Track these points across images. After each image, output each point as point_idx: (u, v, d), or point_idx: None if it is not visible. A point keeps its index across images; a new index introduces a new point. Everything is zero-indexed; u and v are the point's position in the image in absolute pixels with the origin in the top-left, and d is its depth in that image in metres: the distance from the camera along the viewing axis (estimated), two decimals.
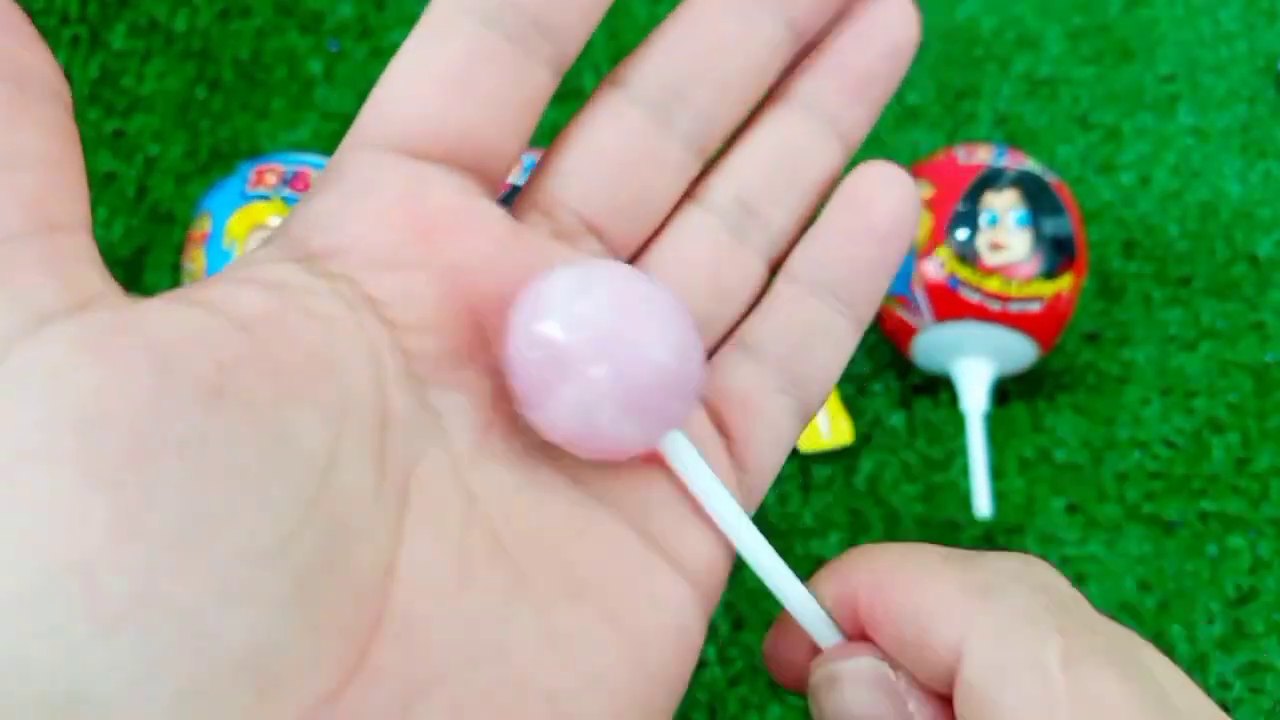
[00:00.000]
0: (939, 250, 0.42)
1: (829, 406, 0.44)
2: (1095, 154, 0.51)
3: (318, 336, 0.16)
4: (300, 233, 0.18)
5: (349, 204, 0.18)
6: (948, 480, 0.44)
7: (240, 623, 0.14)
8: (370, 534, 0.15)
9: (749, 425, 0.20)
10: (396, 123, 0.18)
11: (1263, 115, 0.52)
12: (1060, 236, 0.42)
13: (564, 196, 0.20)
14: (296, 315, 0.16)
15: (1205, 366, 0.47)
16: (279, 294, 0.16)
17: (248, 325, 0.15)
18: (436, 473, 0.17)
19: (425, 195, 0.18)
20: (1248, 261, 0.49)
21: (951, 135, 0.51)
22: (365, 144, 0.18)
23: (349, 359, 0.16)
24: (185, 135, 0.49)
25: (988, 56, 0.53)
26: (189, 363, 0.14)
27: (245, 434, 0.14)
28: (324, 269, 0.17)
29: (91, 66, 0.50)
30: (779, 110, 0.22)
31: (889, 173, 0.21)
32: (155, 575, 0.13)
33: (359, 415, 0.16)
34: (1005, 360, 0.43)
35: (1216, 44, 0.54)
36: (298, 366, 0.16)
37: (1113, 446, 0.45)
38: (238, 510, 0.14)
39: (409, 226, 0.18)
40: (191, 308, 0.15)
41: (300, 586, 0.14)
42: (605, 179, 0.20)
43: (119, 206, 0.47)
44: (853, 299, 0.21)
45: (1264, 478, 0.45)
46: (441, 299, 0.18)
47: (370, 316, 0.17)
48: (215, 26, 0.51)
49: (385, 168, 0.18)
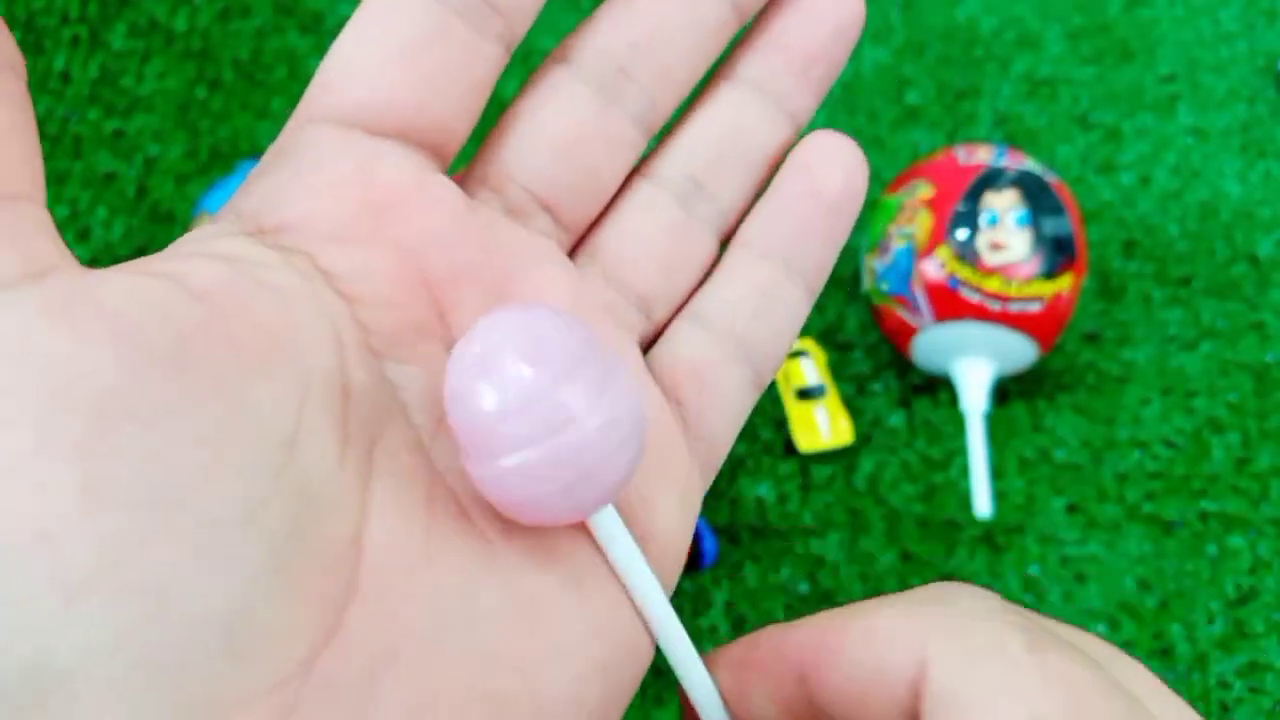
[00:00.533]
0: (939, 250, 0.42)
1: (829, 406, 0.44)
2: (1095, 154, 0.51)
3: (275, 309, 0.16)
4: (251, 209, 0.18)
5: (300, 179, 0.18)
6: (948, 480, 0.44)
7: (213, 589, 0.14)
8: (337, 505, 0.15)
9: (702, 396, 0.20)
10: (346, 98, 0.18)
11: (1263, 115, 0.52)
12: (1060, 236, 0.42)
13: (514, 173, 0.20)
14: (253, 287, 0.16)
15: (1205, 366, 0.47)
16: (233, 266, 0.16)
17: (204, 297, 0.15)
18: (400, 445, 0.17)
19: (377, 171, 0.18)
20: (1248, 261, 0.49)
21: (951, 135, 0.51)
22: (315, 119, 0.18)
23: (308, 331, 0.16)
24: (185, 135, 0.49)
25: (988, 56, 0.53)
26: (149, 333, 0.14)
27: (208, 404, 0.14)
28: (277, 243, 0.17)
29: (91, 66, 0.50)
30: (725, 88, 0.22)
31: (837, 141, 0.21)
32: (123, 543, 0.13)
33: (321, 387, 0.16)
34: (1005, 360, 0.43)
35: (1216, 44, 0.54)
36: (256, 338, 0.15)
37: (1113, 446, 0.45)
38: (205, 478, 0.14)
39: (361, 202, 0.18)
40: (149, 278, 0.15)
41: (273, 553, 0.14)
42: (555, 156, 0.20)
43: (119, 206, 0.47)
44: (803, 267, 0.21)
45: (1264, 478, 0.45)
46: (396, 275, 0.18)
47: (326, 290, 0.17)
48: (215, 26, 0.51)
49: (336, 143, 0.18)
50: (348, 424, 0.16)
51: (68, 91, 0.49)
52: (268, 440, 0.15)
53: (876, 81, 0.52)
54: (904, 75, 0.53)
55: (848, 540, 0.43)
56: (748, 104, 0.22)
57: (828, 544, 0.43)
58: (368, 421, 0.16)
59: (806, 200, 0.21)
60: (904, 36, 0.53)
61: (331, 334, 0.17)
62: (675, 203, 0.21)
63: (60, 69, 0.50)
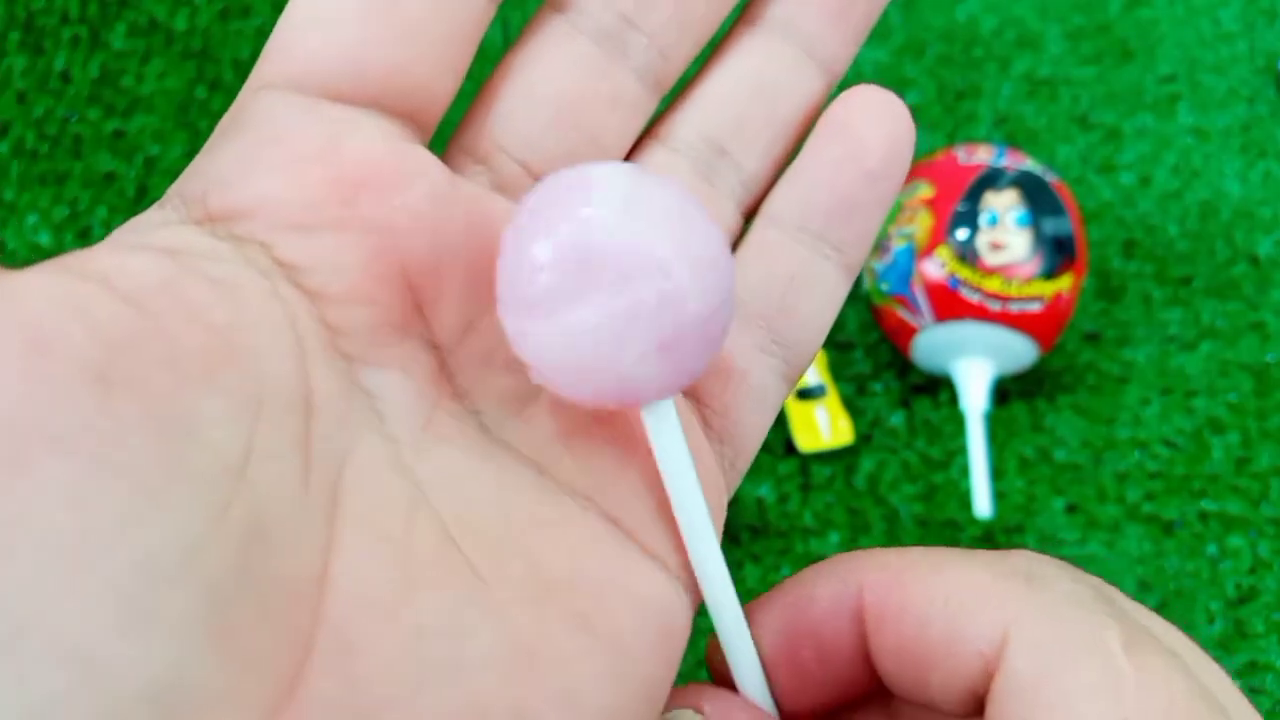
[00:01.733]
0: (939, 250, 0.42)
1: (829, 406, 0.44)
2: (1095, 154, 0.51)
3: (223, 310, 0.14)
4: (197, 192, 0.15)
5: (256, 156, 0.15)
6: (948, 480, 0.44)
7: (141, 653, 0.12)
8: (296, 541, 0.13)
9: (728, 392, 0.18)
10: (309, 59, 0.16)
11: (1263, 115, 0.52)
12: (1060, 236, 0.42)
13: (505, 141, 0.17)
14: (197, 285, 0.14)
15: (1205, 366, 0.47)
16: (174, 261, 0.14)
17: (138, 299, 0.13)
18: (373, 463, 0.15)
19: (345, 144, 0.15)
20: (1248, 261, 0.49)
21: (951, 135, 0.51)
22: (272, 85, 0.16)
23: (262, 336, 0.14)
24: (185, 135, 0.49)
25: (988, 56, 0.53)
26: (69, 343, 0.12)
27: (139, 427, 0.12)
28: (228, 232, 0.15)
29: (91, 66, 0.50)
30: (749, 35, 0.19)
31: (880, 97, 0.19)
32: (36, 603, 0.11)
33: (277, 402, 0.14)
34: (1005, 360, 0.43)
35: (1216, 44, 0.54)
36: (200, 346, 0.13)
37: (1113, 446, 0.45)
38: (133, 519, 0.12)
39: (327, 181, 0.15)
40: (72, 279, 0.13)
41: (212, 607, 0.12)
42: (551, 120, 0.17)
43: (119, 206, 0.47)
44: (841, 242, 0.19)
45: (1264, 478, 0.45)
46: (369, 264, 0.15)
47: (286, 286, 0.15)
48: (215, 26, 0.51)
49: (297, 112, 0.15)
50: (310, 442, 0.14)
51: (68, 91, 0.49)
52: (211, 468, 0.13)
53: (876, 81, 0.52)
54: (904, 75, 0.53)
55: (848, 540, 0.43)
56: (775, 53, 0.19)
57: (828, 544, 0.43)
58: (335, 438, 0.14)
59: (844, 166, 0.18)
60: (904, 36, 0.53)
61: (291, 337, 0.14)
62: (693, 171, 0.19)
63: (60, 69, 0.50)
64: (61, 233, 0.46)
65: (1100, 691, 0.15)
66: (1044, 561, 0.16)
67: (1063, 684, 0.15)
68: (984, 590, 0.16)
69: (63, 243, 0.46)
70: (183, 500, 0.12)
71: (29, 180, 0.47)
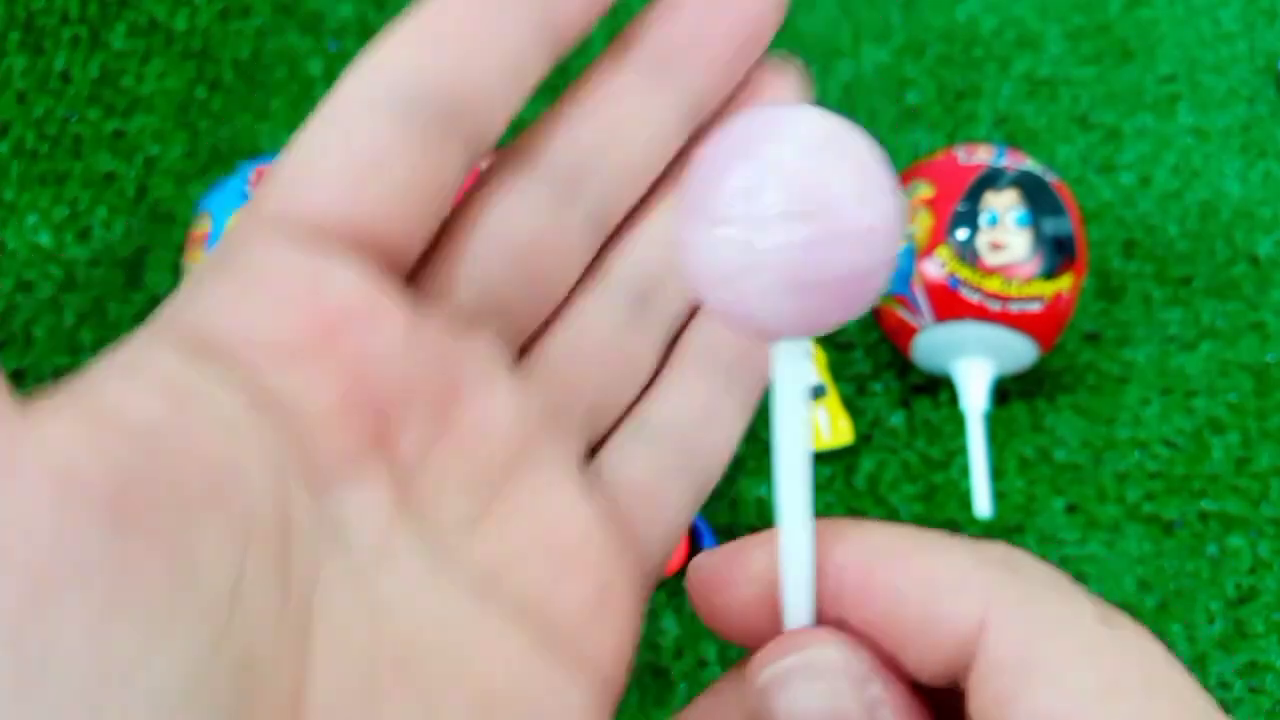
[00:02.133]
0: (939, 250, 0.42)
1: (829, 406, 0.44)
2: (1095, 154, 0.51)
3: (218, 444, 0.15)
4: (191, 319, 0.17)
5: (245, 293, 0.17)
6: (948, 480, 0.44)
7: None
8: (276, 664, 0.14)
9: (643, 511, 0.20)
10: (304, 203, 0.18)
11: (1263, 115, 0.52)
12: (1060, 236, 0.42)
13: (466, 277, 0.19)
14: (194, 420, 0.15)
15: (1205, 366, 0.47)
16: (174, 395, 0.15)
17: (145, 435, 0.14)
18: (340, 586, 0.16)
19: (326, 288, 0.17)
20: (1248, 261, 0.49)
21: (951, 135, 0.51)
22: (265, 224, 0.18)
23: (250, 468, 0.15)
24: (185, 135, 0.49)
25: (988, 56, 0.53)
26: (89, 483, 0.13)
27: (149, 562, 0.13)
28: (217, 359, 0.16)
29: (91, 66, 0.50)
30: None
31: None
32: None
33: (262, 531, 0.15)
34: (1005, 360, 0.43)
35: (1216, 44, 0.54)
36: (198, 481, 0.14)
37: (1113, 446, 0.45)
38: (146, 651, 0.13)
39: (308, 322, 0.17)
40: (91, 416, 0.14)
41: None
42: (507, 259, 0.19)
43: (119, 206, 0.47)
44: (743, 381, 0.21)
45: (1264, 478, 0.45)
46: (344, 393, 0.17)
47: (269, 415, 0.16)
48: (215, 26, 0.51)
49: (284, 254, 0.17)
50: (288, 570, 0.15)
51: (68, 91, 0.49)
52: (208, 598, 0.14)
53: (876, 81, 0.52)
54: (904, 75, 0.53)
55: None
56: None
57: None
58: (307, 562, 0.15)
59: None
60: (904, 36, 0.53)
61: (273, 469, 0.16)
62: (625, 307, 0.20)
63: (60, 69, 0.50)
64: (61, 233, 0.46)
65: (1082, 659, 0.15)
66: (1021, 554, 0.17)
67: (1045, 654, 0.15)
68: (962, 574, 0.16)
69: (63, 243, 0.46)
70: (187, 631, 0.13)
71: (29, 180, 0.47)
